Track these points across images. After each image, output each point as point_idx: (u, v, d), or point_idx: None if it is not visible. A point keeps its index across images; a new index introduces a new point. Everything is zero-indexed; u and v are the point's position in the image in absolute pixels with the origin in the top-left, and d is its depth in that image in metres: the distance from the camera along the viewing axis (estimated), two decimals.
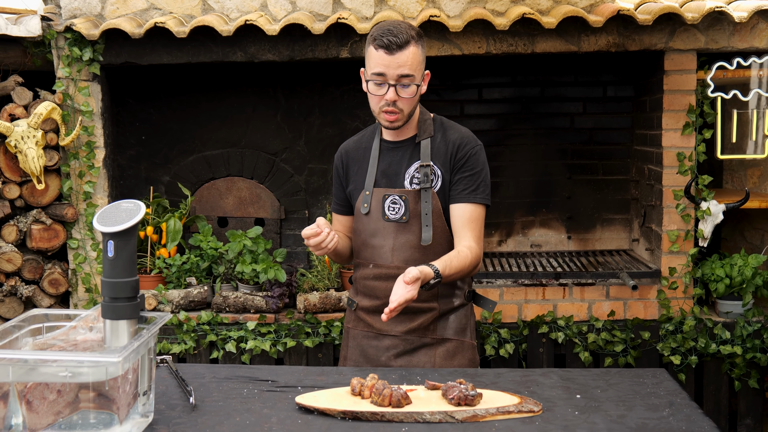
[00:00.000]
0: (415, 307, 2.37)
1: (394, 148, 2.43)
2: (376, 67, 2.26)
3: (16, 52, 3.72)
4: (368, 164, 2.45)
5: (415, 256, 2.37)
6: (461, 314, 2.47)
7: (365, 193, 2.41)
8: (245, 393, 1.94)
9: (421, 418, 1.75)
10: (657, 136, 3.71)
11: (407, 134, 2.43)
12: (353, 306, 2.50)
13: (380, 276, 2.40)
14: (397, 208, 2.38)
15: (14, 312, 3.66)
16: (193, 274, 3.86)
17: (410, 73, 2.26)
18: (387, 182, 2.41)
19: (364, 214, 2.41)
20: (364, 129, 2.57)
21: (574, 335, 3.65)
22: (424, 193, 2.35)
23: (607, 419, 1.77)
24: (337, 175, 2.54)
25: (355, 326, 2.50)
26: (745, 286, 3.60)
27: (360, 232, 2.45)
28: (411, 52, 2.25)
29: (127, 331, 1.66)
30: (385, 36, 2.23)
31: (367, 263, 2.44)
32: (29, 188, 3.68)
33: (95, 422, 1.55)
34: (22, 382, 1.53)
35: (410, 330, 2.41)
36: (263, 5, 3.75)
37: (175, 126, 4.16)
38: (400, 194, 2.37)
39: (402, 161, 2.41)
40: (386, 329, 2.42)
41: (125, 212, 1.66)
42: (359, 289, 2.49)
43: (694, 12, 3.43)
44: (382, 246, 2.40)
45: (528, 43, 3.59)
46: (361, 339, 2.48)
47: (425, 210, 2.35)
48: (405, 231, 2.38)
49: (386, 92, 2.27)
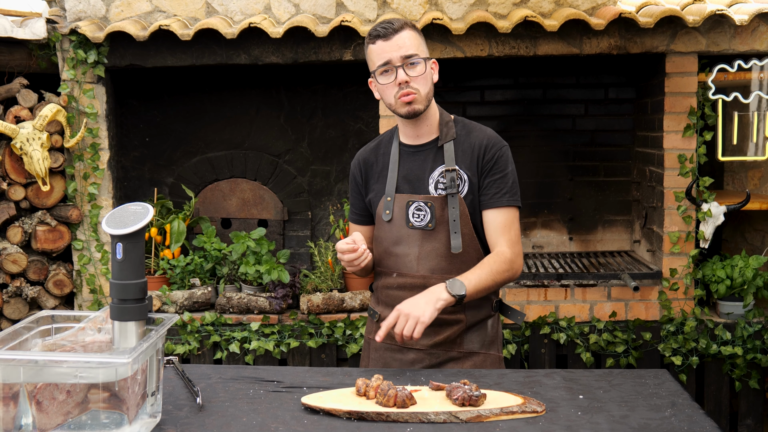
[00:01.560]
0: (441, 319, 2.24)
1: (415, 152, 2.33)
2: (379, 59, 2.20)
3: (22, 54, 3.74)
4: (388, 170, 2.34)
5: (441, 265, 2.27)
6: (489, 326, 2.36)
7: (386, 199, 2.31)
8: (251, 393, 1.95)
9: (426, 418, 1.77)
10: (658, 138, 3.73)
11: (428, 137, 2.32)
12: (376, 317, 2.39)
13: (405, 285, 2.30)
14: (423, 215, 2.27)
15: (19, 313, 3.68)
16: (197, 275, 3.88)
17: (413, 53, 2.19)
18: (410, 188, 2.30)
19: (387, 221, 2.31)
20: (381, 135, 2.46)
21: (575, 336, 3.67)
22: (451, 199, 2.25)
23: (610, 419, 1.79)
24: (355, 183, 2.43)
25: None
26: (746, 288, 3.62)
27: (382, 239, 2.34)
28: (408, 34, 2.20)
29: (135, 332, 1.68)
30: (379, 26, 2.21)
31: (390, 272, 2.33)
32: (34, 190, 3.71)
33: (107, 422, 1.57)
34: (32, 383, 1.55)
35: (436, 344, 2.30)
36: (267, 8, 3.77)
37: (179, 127, 4.18)
38: (426, 200, 2.27)
39: (425, 165, 2.30)
40: (410, 342, 2.28)
41: (133, 215, 1.67)
42: (381, 299, 2.38)
43: (696, 15, 3.45)
44: (407, 254, 2.30)
45: (530, 45, 3.60)
46: (383, 351, 2.37)
47: (453, 216, 2.25)
48: (431, 239, 2.28)
49: (396, 76, 2.19)
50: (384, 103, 2.29)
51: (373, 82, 2.29)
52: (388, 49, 2.19)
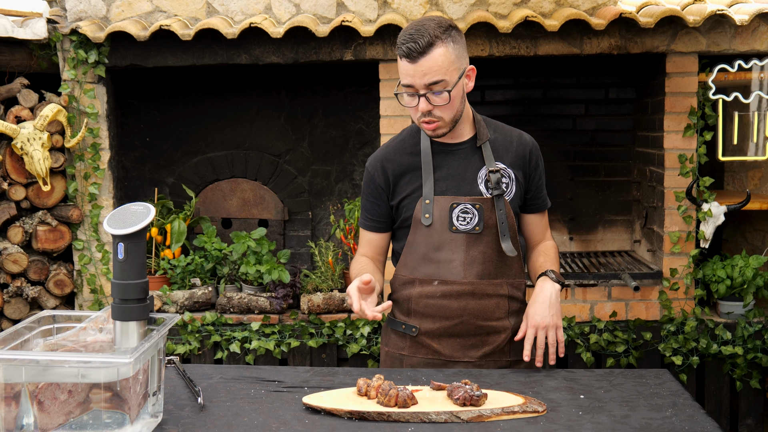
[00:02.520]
0: (489, 327, 2.20)
1: (453, 150, 2.20)
2: (404, 78, 2.07)
3: (22, 54, 3.75)
4: (421, 170, 2.19)
5: (489, 270, 2.19)
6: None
7: (425, 202, 2.16)
8: (252, 393, 1.96)
9: (427, 418, 1.77)
10: (659, 137, 3.73)
11: (465, 135, 2.22)
12: (414, 331, 2.22)
13: (450, 294, 2.18)
14: (469, 218, 2.16)
15: (20, 312, 3.68)
16: (198, 275, 3.88)
17: (438, 79, 2.03)
18: (454, 189, 2.18)
19: (426, 226, 2.17)
20: (398, 135, 2.30)
21: (576, 336, 3.67)
22: (498, 201, 2.16)
23: (611, 419, 1.79)
24: (374, 187, 2.25)
25: (413, 353, 2.24)
26: (746, 287, 3.62)
27: (419, 245, 2.20)
28: (437, 55, 2.01)
29: (137, 332, 1.68)
30: (406, 43, 2.02)
31: (429, 280, 2.19)
32: (35, 190, 3.71)
33: (109, 422, 1.57)
34: (33, 383, 1.55)
35: (485, 354, 2.22)
36: (267, 8, 3.77)
37: (180, 127, 4.19)
38: (473, 202, 2.16)
39: (469, 165, 2.19)
40: (457, 355, 2.20)
41: (135, 215, 1.68)
42: (418, 310, 2.22)
43: (696, 15, 3.45)
44: (451, 260, 2.18)
45: (531, 45, 3.61)
46: (422, 368, 2.22)
47: (500, 219, 2.16)
48: (478, 242, 2.17)
49: (418, 103, 2.07)
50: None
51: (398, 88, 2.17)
52: (411, 73, 2.04)
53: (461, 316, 2.19)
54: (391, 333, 2.30)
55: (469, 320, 2.19)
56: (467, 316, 2.19)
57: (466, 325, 2.20)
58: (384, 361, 2.33)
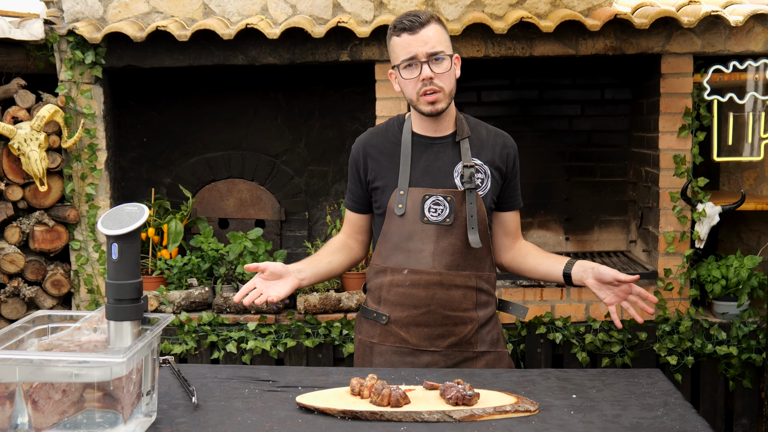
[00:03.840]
0: (456, 318, 2.26)
1: (433, 144, 2.27)
2: (404, 53, 2.15)
3: (19, 55, 3.76)
4: (399, 160, 2.27)
5: (457, 261, 2.24)
6: (494, 323, 2.36)
7: (399, 192, 2.23)
8: (246, 393, 1.97)
9: (420, 417, 1.78)
10: (654, 138, 3.75)
11: (447, 130, 2.29)
12: (384, 319, 2.28)
13: (419, 283, 2.23)
14: (441, 210, 2.22)
15: (17, 312, 3.69)
16: (194, 275, 3.89)
17: (439, 49, 2.14)
18: (429, 181, 2.24)
19: (399, 216, 2.24)
20: (386, 122, 2.37)
21: (571, 336, 3.68)
22: (469, 195, 2.23)
23: (602, 419, 1.80)
24: (356, 169, 2.33)
25: (382, 341, 2.29)
26: (741, 287, 3.63)
27: (391, 234, 2.26)
28: (434, 29, 2.15)
29: (130, 332, 1.69)
30: (404, 19, 2.16)
31: (400, 269, 2.25)
32: (32, 190, 3.72)
33: (101, 421, 1.58)
34: (28, 382, 1.56)
35: (451, 344, 2.27)
36: (264, 9, 3.78)
37: (177, 128, 4.20)
38: (445, 195, 2.22)
39: (448, 159, 2.26)
40: (424, 344, 2.26)
41: (129, 215, 1.68)
42: (388, 298, 2.28)
43: (691, 16, 3.46)
44: (421, 250, 2.23)
45: (526, 46, 3.62)
46: (391, 355, 2.28)
47: (470, 212, 2.23)
48: (448, 234, 2.23)
49: (420, 71, 2.14)
50: (405, 97, 2.25)
51: (394, 74, 2.24)
52: (413, 44, 2.14)
53: (428, 305, 2.24)
54: (363, 321, 2.36)
55: (436, 309, 2.24)
56: (434, 305, 2.24)
57: (433, 315, 2.25)
58: (357, 348, 2.39)
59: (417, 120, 2.30)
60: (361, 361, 2.36)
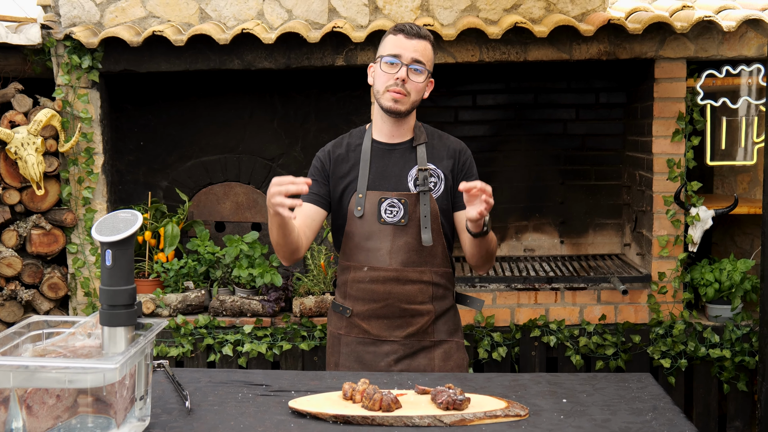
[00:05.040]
0: (412, 310, 2.43)
1: (390, 150, 2.46)
2: (392, 49, 2.35)
3: (17, 59, 3.77)
4: (359, 166, 2.45)
5: (413, 258, 2.42)
6: (451, 315, 2.54)
7: (358, 196, 2.41)
8: (240, 397, 1.98)
9: (411, 421, 1.80)
10: (648, 142, 3.77)
11: (404, 137, 2.47)
12: (348, 312, 2.47)
13: (377, 279, 2.42)
14: (395, 211, 2.40)
15: (14, 316, 3.71)
16: (191, 278, 3.91)
17: (423, 61, 2.36)
18: (384, 185, 2.42)
19: (358, 217, 2.42)
20: (347, 132, 2.56)
21: (565, 339, 3.70)
22: (423, 196, 2.40)
23: (591, 423, 1.82)
24: (321, 168, 2.46)
25: (348, 332, 2.48)
26: (734, 291, 3.65)
27: (353, 234, 2.44)
28: (427, 46, 2.38)
29: (124, 337, 1.71)
30: (408, 25, 2.37)
31: (360, 266, 2.44)
32: (29, 194, 3.73)
33: (93, 426, 1.60)
34: (22, 388, 1.58)
35: (409, 334, 2.44)
36: (260, 14, 3.80)
37: (173, 132, 4.21)
38: (399, 197, 2.40)
39: (402, 164, 2.44)
40: (384, 335, 2.44)
41: (123, 222, 1.70)
42: (351, 293, 2.47)
43: (684, 21, 3.48)
44: (379, 249, 2.42)
45: (520, 51, 3.64)
46: (355, 345, 2.47)
47: (424, 212, 2.40)
48: (403, 233, 2.41)
49: (398, 70, 2.34)
50: (373, 89, 2.42)
51: (373, 67, 2.43)
52: (405, 46, 2.35)
53: (387, 300, 2.42)
54: (333, 314, 2.55)
55: (393, 303, 2.43)
56: (392, 299, 2.43)
57: (391, 308, 2.43)
58: (328, 340, 2.58)
59: (378, 125, 2.48)
60: (331, 351, 2.55)
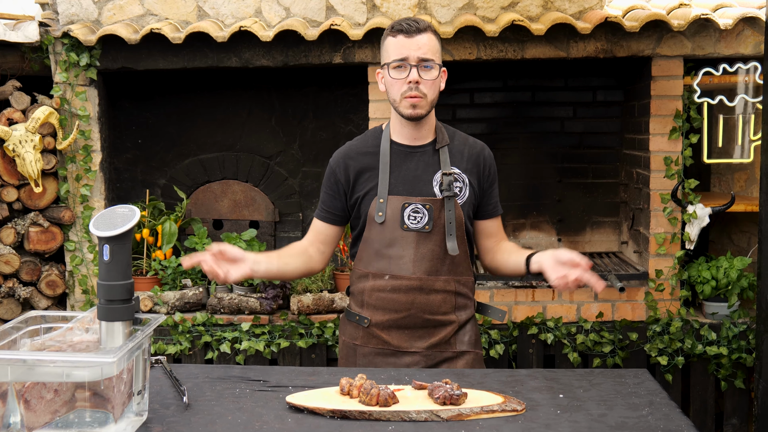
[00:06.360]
0: (435, 321, 2.33)
1: (412, 152, 2.33)
2: (397, 53, 2.22)
3: (14, 57, 3.77)
4: (379, 170, 2.31)
5: (437, 267, 2.30)
6: (472, 325, 2.42)
7: (379, 201, 2.28)
8: (237, 392, 1.99)
9: (408, 416, 1.80)
10: (645, 140, 3.77)
11: (426, 139, 2.35)
12: (365, 322, 2.35)
13: (399, 288, 2.30)
14: (420, 217, 2.28)
15: (12, 313, 3.71)
16: (189, 275, 3.91)
17: (430, 57, 2.22)
18: (407, 190, 2.29)
19: (379, 223, 2.29)
20: (363, 134, 2.44)
21: (563, 336, 3.71)
22: (448, 202, 2.29)
23: (588, 418, 1.82)
24: (335, 182, 2.37)
25: (365, 343, 2.36)
26: (731, 288, 3.66)
27: (372, 241, 2.31)
28: (429, 38, 2.23)
29: (122, 332, 1.71)
30: (403, 22, 2.23)
31: (381, 275, 2.31)
32: (27, 191, 3.73)
33: (90, 420, 1.60)
34: (20, 382, 1.58)
35: (432, 345, 2.33)
36: (258, 11, 3.80)
37: (171, 129, 4.22)
38: (424, 203, 2.28)
39: (427, 168, 2.32)
40: (405, 346, 2.33)
41: (120, 217, 1.71)
42: (370, 302, 2.34)
43: (681, 19, 3.49)
44: (402, 257, 2.29)
45: (518, 49, 3.64)
46: (373, 357, 2.35)
47: (449, 219, 2.28)
48: (427, 241, 2.29)
49: (408, 73, 2.21)
50: (388, 98, 2.30)
51: (382, 73, 2.30)
52: (407, 46, 2.21)
53: (409, 310, 2.30)
54: (347, 323, 2.43)
55: (416, 314, 2.31)
56: (415, 309, 2.31)
57: (413, 318, 2.32)
58: (341, 350, 2.46)
59: (397, 127, 2.35)
60: (345, 362, 2.42)
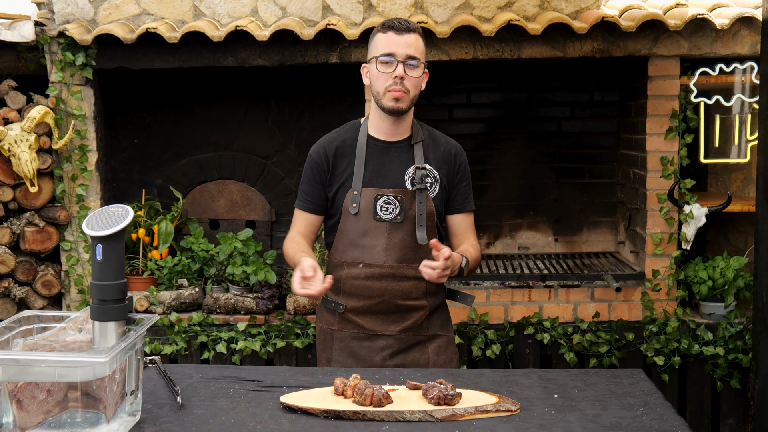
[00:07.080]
0: (407, 306, 2.46)
1: (387, 147, 2.47)
2: (385, 48, 2.35)
3: (10, 56, 3.77)
4: (354, 163, 2.45)
5: (408, 255, 2.43)
6: (443, 310, 2.58)
7: (353, 192, 2.42)
8: (231, 393, 1.98)
9: (402, 417, 1.80)
10: (641, 140, 3.77)
11: (403, 135, 2.48)
12: (341, 308, 2.48)
13: (372, 276, 2.43)
14: (391, 209, 2.41)
15: (8, 313, 3.70)
16: (185, 275, 3.91)
17: (417, 56, 2.36)
18: (381, 182, 2.43)
19: (353, 214, 2.42)
20: (342, 126, 2.56)
21: (559, 336, 3.71)
22: (419, 194, 2.42)
23: (582, 418, 1.82)
24: (317, 171, 2.48)
25: (341, 328, 2.49)
26: (727, 288, 3.66)
27: (347, 231, 2.45)
28: (417, 39, 2.38)
29: (115, 332, 1.70)
30: (395, 20, 2.37)
31: (355, 263, 2.44)
32: (23, 191, 3.73)
33: (81, 421, 1.59)
34: (12, 382, 1.58)
35: (404, 329, 2.47)
36: (254, 11, 3.80)
37: (168, 129, 4.21)
38: (396, 194, 2.41)
39: (399, 161, 2.45)
40: (379, 330, 2.46)
41: (114, 216, 1.70)
42: (345, 290, 2.47)
43: (677, 19, 3.49)
44: (374, 246, 2.43)
45: (514, 48, 3.64)
46: (349, 341, 2.48)
47: (420, 210, 2.42)
48: (398, 231, 2.42)
49: (395, 69, 2.34)
50: (372, 90, 2.42)
51: (367, 67, 2.45)
52: (397, 43, 2.34)
53: (382, 296, 2.45)
54: (324, 310, 2.56)
55: (389, 299, 2.45)
56: (388, 295, 2.45)
57: (386, 304, 2.46)
58: (318, 335, 2.59)
59: (376, 122, 2.48)
60: (322, 347, 2.55)
